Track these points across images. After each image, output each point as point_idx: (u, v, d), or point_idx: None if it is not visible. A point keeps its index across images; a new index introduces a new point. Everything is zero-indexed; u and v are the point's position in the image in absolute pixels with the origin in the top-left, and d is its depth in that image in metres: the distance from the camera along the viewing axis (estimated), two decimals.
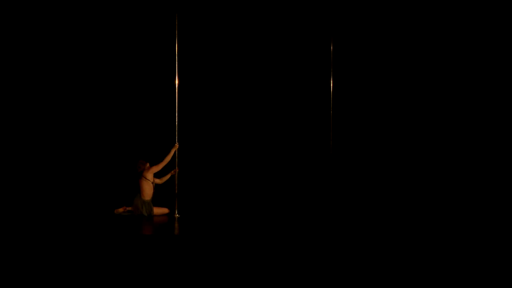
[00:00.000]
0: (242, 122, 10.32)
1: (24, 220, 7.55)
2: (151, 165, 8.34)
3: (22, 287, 4.98)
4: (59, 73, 9.84)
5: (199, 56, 10.00)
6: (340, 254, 5.89)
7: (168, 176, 8.55)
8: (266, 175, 10.18)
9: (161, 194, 8.87)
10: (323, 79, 10.13)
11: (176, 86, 8.55)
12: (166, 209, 8.45)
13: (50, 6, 9.62)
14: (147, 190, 8.30)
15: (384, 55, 10.18)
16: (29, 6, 9.58)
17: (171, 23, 8.73)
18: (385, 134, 10.19)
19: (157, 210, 8.38)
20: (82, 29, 9.78)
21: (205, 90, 10.15)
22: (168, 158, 8.32)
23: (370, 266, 5.47)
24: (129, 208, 8.42)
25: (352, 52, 10.24)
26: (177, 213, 8.33)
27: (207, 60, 10.13)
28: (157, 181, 8.50)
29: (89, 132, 9.98)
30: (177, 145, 8.33)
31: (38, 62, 9.74)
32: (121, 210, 8.41)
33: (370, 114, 10.27)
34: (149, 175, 8.31)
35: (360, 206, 9.02)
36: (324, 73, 10.10)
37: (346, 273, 5.27)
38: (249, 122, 10.34)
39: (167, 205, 8.56)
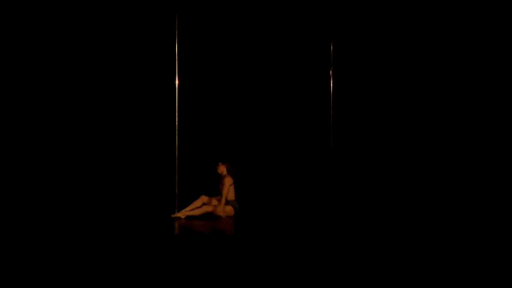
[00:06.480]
0: (242, 122, 10.31)
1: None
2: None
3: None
4: (57, 74, 9.82)
5: (199, 56, 9.99)
6: (340, 254, 5.89)
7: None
8: (265, 175, 10.17)
9: (161, 194, 8.87)
10: (323, 79, 10.12)
11: (176, 86, 8.55)
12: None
13: (49, 6, 9.60)
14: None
15: (385, 56, 10.17)
16: (29, 5, 9.57)
17: (171, 23, 8.73)
18: (386, 134, 10.18)
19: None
20: (81, 28, 9.76)
21: (205, 91, 10.14)
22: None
23: (370, 266, 5.47)
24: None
25: (352, 52, 10.23)
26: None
27: (207, 61, 10.12)
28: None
29: (87, 132, 9.95)
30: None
31: (38, 62, 9.72)
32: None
33: (370, 114, 10.26)
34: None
35: (360, 207, 9.02)
36: (324, 73, 10.10)
37: (346, 273, 5.26)
38: (249, 122, 10.33)
39: (167, 205, 8.55)
